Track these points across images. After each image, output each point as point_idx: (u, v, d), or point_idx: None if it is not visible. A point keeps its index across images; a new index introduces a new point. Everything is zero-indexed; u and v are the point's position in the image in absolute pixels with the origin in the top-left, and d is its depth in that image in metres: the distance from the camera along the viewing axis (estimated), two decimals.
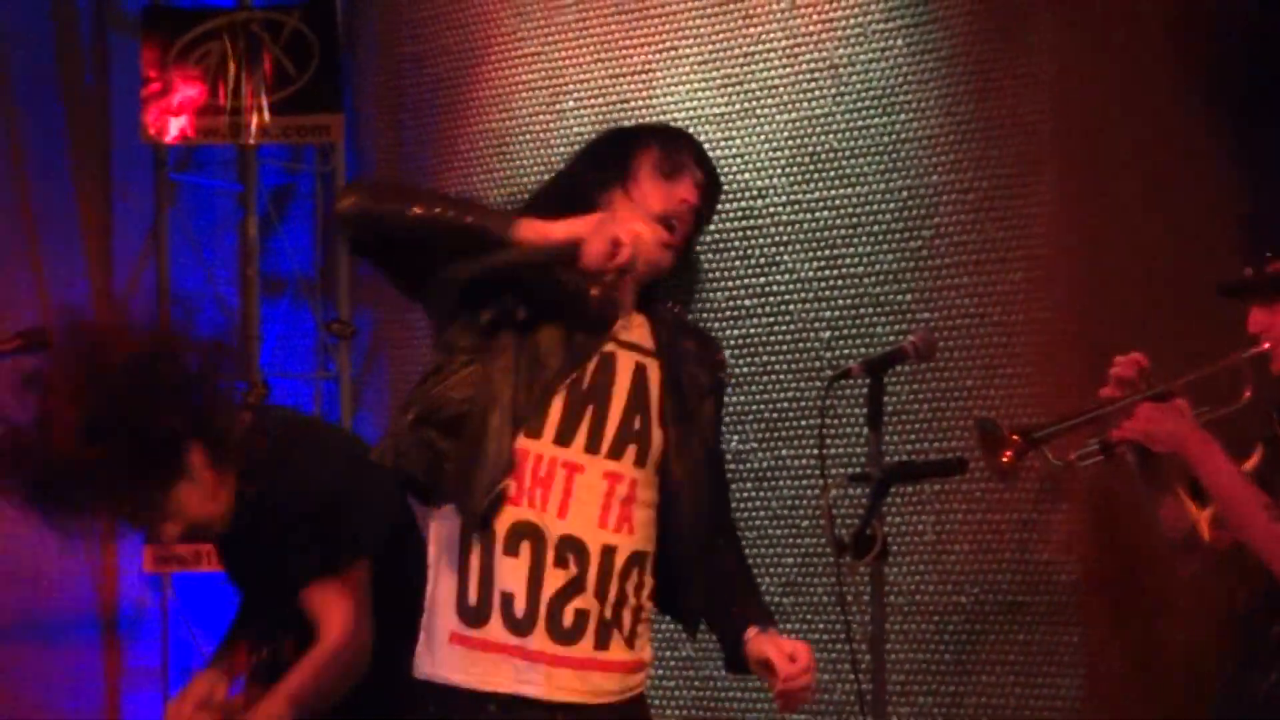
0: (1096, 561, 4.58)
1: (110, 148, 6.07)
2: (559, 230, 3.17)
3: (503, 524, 3.21)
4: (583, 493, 3.24)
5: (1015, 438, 3.61)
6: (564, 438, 3.24)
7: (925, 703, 4.76)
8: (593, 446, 3.26)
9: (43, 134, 5.87)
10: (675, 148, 3.38)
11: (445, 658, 3.25)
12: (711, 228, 5.20)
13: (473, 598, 3.23)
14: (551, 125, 5.52)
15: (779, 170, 5.11)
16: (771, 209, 5.12)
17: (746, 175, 5.17)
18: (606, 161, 3.37)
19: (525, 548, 3.21)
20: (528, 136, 5.57)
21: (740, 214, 5.18)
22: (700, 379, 3.38)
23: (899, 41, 4.91)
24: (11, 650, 5.56)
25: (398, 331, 5.95)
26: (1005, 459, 3.63)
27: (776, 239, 5.10)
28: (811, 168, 5.04)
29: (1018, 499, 4.63)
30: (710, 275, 5.10)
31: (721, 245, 5.18)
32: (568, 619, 3.21)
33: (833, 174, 4.99)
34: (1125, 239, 4.69)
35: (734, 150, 5.17)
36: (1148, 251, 4.68)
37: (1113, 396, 3.64)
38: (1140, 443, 3.61)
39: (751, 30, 5.17)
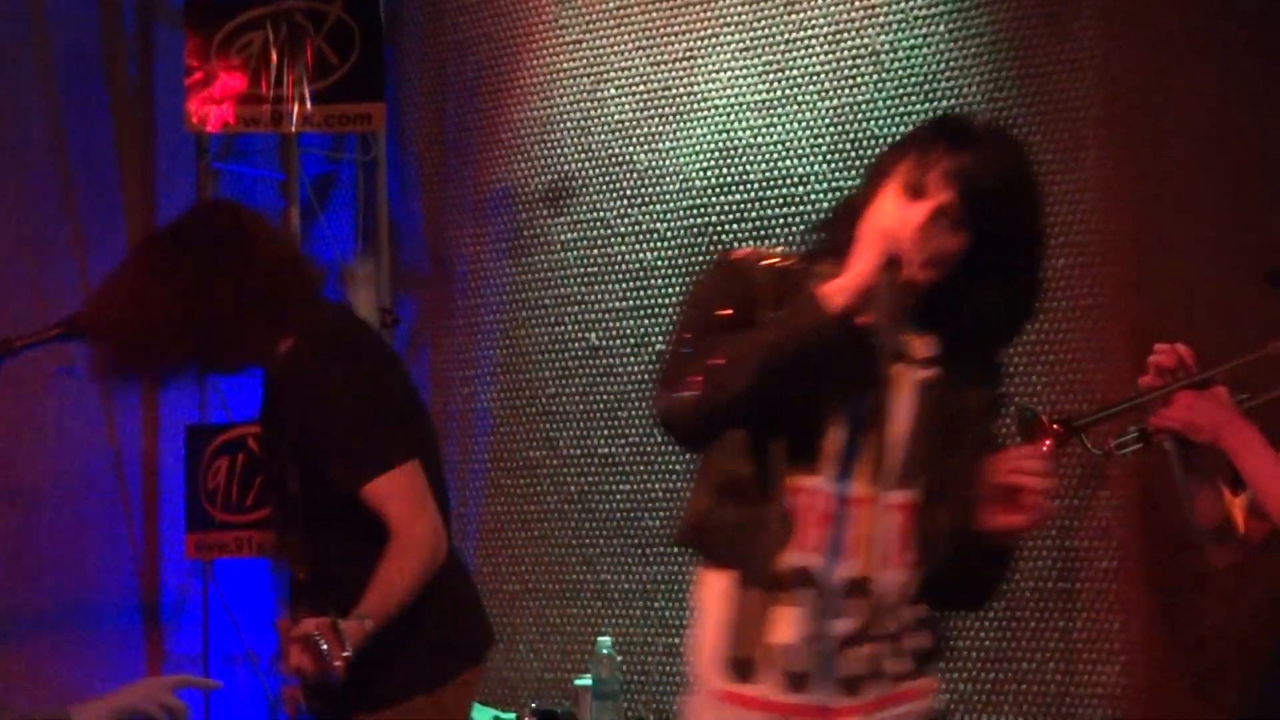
0: (1137, 548, 4.55)
1: (153, 137, 6.08)
2: (858, 275, 2.81)
3: (779, 569, 2.91)
4: (870, 530, 2.93)
5: (1055, 426, 3.58)
6: (845, 472, 2.92)
7: (966, 690, 4.74)
8: (878, 477, 2.93)
9: (86, 124, 5.88)
10: (928, 157, 2.90)
11: (714, 714, 2.97)
12: (752, 214, 5.23)
13: (743, 650, 2.94)
14: (593, 112, 5.52)
15: (820, 157, 5.09)
16: (813, 196, 5.11)
17: (788, 162, 5.16)
18: (871, 177, 2.99)
19: (803, 596, 2.91)
20: (569, 124, 5.57)
21: (781, 201, 5.17)
22: (979, 397, 3.03)
23: (941, 27, 4.89)
24: (54, 638, 5.58)
25: (439, 320, 5.94)
26: (1045, 447, 3.60)
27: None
28: (853, 155, 5.03)
29: (1058, 486, 4.60)
30: None
31: (763, 232, 5.16)
32: (852, 668, 2.93)
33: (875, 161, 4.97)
34: (1172, 225, 4.65)
35: (775, 137, 5.16)
36: (1195, 237, 4.65)
37: (1152, 384, 3.60)
38: (1179, 431, 3.58)
39: (793, 17, 5.15)
